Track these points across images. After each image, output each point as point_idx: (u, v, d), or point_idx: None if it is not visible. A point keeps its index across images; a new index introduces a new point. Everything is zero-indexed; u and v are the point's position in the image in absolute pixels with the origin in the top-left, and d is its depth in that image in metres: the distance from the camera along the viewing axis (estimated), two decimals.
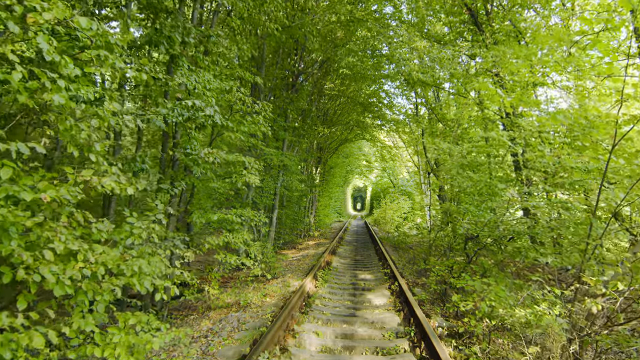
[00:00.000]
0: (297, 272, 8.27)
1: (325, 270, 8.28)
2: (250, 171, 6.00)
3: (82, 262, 2.27)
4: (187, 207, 6.46)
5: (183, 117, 4.31)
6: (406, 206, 29.21)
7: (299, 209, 17.92)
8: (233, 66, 6.77)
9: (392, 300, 5.86)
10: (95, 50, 2.46)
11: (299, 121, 13.92)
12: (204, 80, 4.98)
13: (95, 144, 2.41)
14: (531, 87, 10.86)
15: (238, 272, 8.08)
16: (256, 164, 6.12)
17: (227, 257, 5.54)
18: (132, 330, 2.88)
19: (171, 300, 6.67)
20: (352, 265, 9.51)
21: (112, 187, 2.58)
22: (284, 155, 10.18)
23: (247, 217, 6.31)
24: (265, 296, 5.94)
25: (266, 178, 10.43)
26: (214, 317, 5.46)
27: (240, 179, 5.87)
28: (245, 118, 6.39)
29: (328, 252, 10.39)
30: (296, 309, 5.04)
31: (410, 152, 28.53)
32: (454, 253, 6.71)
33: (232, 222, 6.12)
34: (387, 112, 20.33)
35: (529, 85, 11.13)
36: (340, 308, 5.51)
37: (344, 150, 30.51)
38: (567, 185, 5.49)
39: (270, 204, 12.64)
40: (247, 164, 5.89)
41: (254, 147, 10.06)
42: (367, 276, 7.92)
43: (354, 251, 12.31)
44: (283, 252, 13.42)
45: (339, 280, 7.51)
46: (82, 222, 2.38)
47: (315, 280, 6.87)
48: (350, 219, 37.92)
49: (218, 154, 4.72)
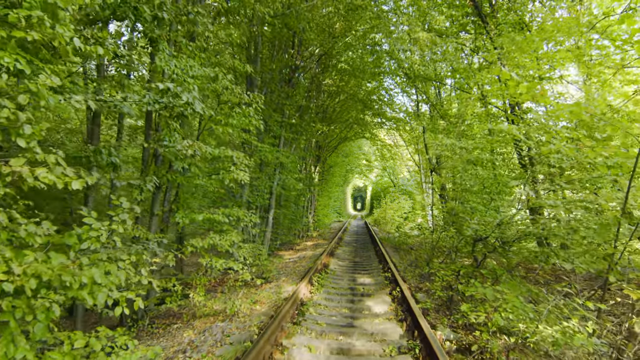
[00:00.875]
0: (292, 275, 7.78)
1: (322, 273, 7.79)
2: (239, 167, 5.51)
3: (2, 274, 1.78)
4: (171, 207, 5.98)
5: (159, 104, 3.82)
6: (407, 206, 28.75)
7: (297, 209, 17.43)
8: (222, 55, 6.28)
9: (394, 308, 5.38)
10: (26, 11, 1.97)
11: (296, 118, 13.44)
12: (185, 65, 4.49)
13: (25, 126, 1.92)
14: (537, 81, 10.40)
15: (229, 275, 7.61)
16: (246, 160, 5.64)
17: (213, 260, 5.05)
18: (82, 351, 2.39)
19: (156, 306, 6.20)
20: (351, 267, 9.02)
21: (51, 181, 2.09)
22: (279, 152, 9.69)
23: (236, 217, 5.83)
24: (255, 303, 5.45)
25: (261, 176, 9.95)
26: (198, 326, 4.98)
27: (228, 175, 5.38)
28: (234, 110, 5.91)
29: (326, 254, 9.90)
30: (287, 319, 4.56)
31: (410, 150, 28.07)
32: (460, 255, 6.23)
33: (221, 223, 5.64)
34: (387, 110, 19.85)
35: (535, 79, 10.66)
36: (336, 317, 5.03)
37: (343, 149, 30.02)
38: (586, 182, 5.01)
39: (266, 203, 12.16)
40: (235, 159, 5.41)
41: (247, 143, 9.59)
42: (367, 280, 7.43)
43: (353, 252, 11.82)
44: (280, 252, 12.94)
45: (336, 284, 7.03)
46: (3, 223, 1.89)
47: (310, 285, 6.38)
48: (350, 219, 37.44)
49: (199, 146, 4.23)
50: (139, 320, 5.31)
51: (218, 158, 5.88)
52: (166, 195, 5.95)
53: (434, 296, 5.62)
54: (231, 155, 5.26)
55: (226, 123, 6.06)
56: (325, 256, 9.67)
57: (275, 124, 10.25)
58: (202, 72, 4.87)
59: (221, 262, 5.08)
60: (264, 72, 10.55)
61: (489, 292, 4.13)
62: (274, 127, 10.53)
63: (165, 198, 5.97)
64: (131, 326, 5.32)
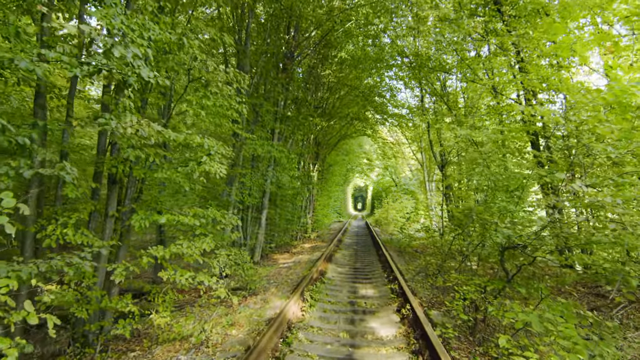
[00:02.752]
0: (283, 285, 6.75)
1: (318, 284, 6.75)
2: (214, 158, 4.48)
3: None
4: (133, 207, 4.94)
5: (88, 68, 2.78)
6: (409, 206, 27.74)
7: (294, 209, 16.39)
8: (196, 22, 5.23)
9: (404, 331, 4.34)
10: None
11: (292, 110, 12.40)
12: (138, 25, 3.45)
13: None
14: (556, 68, 9.37)
15: (205, 287, 6.56)
16: (223, 149, 4.60)
17: (177, 274, 4.01)
18: None
19: (115, 326, 5.16)
20: (351, 275, 7.98)
21: None
22: (271, 146, 8.64)
23: (211, 218, 4.79)
24: (232, 326, 4.41)
25: (249, 173, 8.91)
26: (159, 356, 3.96)
27: (199, 167, 4.35)
28: (209, 89, 4.88)
29: (323, 259, 8.86)
30: (267, 352, 3.52)
31: (413, 149, 27.07)
32: (482, 263, 5.19)
33: (191, 226, 4.60)
34: (389, 107, 18.81)
35: (553, 67, 9.63)
36: (332, 345, 3.99)
37: (343, 147, 28.94)
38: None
39: (257, 202, 11.14)
40: (208, 147, 4.37)
41: (235, 135, 8.56)
42: (370, 292, 6.39)
43: (354, 257, 10.78)
44: (274, 256, 11.91)
45: (334, 297, 5.99)
46: None
47: (302, 301, 5.34)
48: (350, 219, 36.41)
49: (149, 127, 3.19)
50: (87, 347, 4.28)
51: (189, 147, 4.85)
52: (127, 192, 4.92)
53: (453, 316, 4.58)
54: (202, 142, 4.22)
55: (200, 105, 5.03)
56: (323, 262, 8.64)
57: (267, 114, 9.20)
58: (164, 36, 3.83)
59: (188, 276, 4.04)
60: (256, 59, 9.52)
61: (535, 320, 3.09)
62: (267, 118, 9.49)
63: (127, 196, 4.93)
64: (79, 354, 4.30)
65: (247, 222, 10.88)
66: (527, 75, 8.11)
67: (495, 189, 5.93)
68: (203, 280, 4.14)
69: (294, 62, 10.21)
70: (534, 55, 9.32)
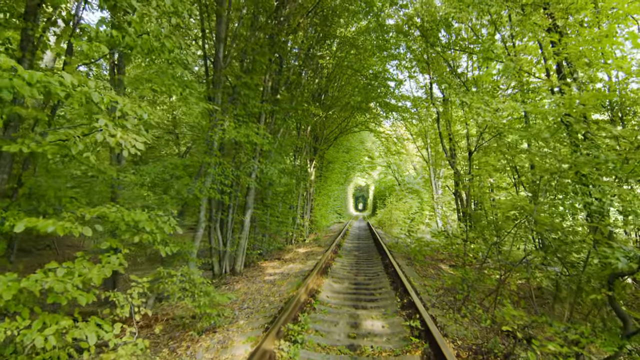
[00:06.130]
0: (257, 314, 4.92)
1: (307, 310, 4.93)
2: (120, 122, 2.66)
3: None
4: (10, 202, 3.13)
5: None
6: (414, 205, 25.92)
7: (287, 209, 14.57)
8: None
9: None
10: None
11: (283, 92, 10.58)
12: None
13: None
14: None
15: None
16: (140, 110, 2.77)
17: (21, 334, 2.18)
18: None
19: None
20: (352, 295, 6.14)
21: None
22: (249, 128, 6.79)
23: (127, 221, 2.97)
24: None
25: (224, 162, 7.07)
26: None
27: (90, 137, 2.53)
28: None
29: (317, 272, 7.04)
30: None
31: (419, 144, 25.27)
32: (561, 295, 3.36)
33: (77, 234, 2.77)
34: (392, 101, 17.00)
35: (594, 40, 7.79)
36: None
37: (344, 144, 27.00)
38: None
39: (241, 202, 9.34)
40: (107, 101, 2.55)
41: (211, 114, 6.75)
42: (377, 324, 4.55)
43: (355, 267, 8.94)
44: (262, 264, 10.09)
45: (326, 334, 4.16)
46: None
47: (279, 348, 3.51)
48: (351, 220, 34.57)
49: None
50: None
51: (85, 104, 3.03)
52: None
53: None
54: (88, 92, 2.40)
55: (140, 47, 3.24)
56: (316, 275, 6.81)
57: (248, 90, 7.36)
58: None
59: (55, 331, 2.21)
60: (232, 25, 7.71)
61: None
62: (249, 95, 7.65)
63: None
64: None
65: (227, 225, 9.07)
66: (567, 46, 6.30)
67: (562, 180, 4.10)
68: (87, 334, 2.32)
69: (282, 28, 8.37)
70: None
